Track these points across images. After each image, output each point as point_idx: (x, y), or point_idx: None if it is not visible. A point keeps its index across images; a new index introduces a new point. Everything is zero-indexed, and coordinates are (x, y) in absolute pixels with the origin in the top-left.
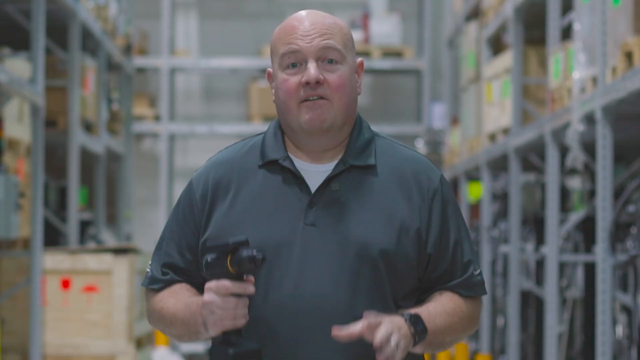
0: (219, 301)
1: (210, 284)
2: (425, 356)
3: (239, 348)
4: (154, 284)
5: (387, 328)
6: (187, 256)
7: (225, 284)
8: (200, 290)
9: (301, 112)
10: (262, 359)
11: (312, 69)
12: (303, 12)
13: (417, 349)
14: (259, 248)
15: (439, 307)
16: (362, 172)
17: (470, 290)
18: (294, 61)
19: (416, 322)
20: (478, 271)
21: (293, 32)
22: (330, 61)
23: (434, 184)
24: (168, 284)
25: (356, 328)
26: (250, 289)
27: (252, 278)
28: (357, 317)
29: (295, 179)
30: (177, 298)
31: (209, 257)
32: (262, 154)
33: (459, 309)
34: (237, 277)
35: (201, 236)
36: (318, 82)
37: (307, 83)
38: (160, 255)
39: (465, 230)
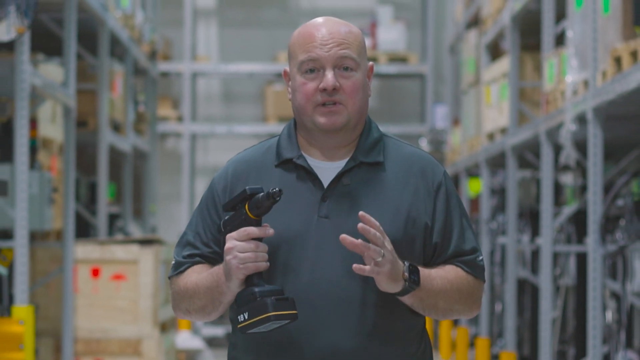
0: (241, 245)
1: (232, 234)
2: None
3: (264, 288)
4: (179, 268)
5: (389, 247)
6: (212, 246)
7: (246, 229)
8: None
9: (316, 115)
10: (276, 333)
11: (329, 76)
12: (320, 20)
13: (408, 300)
14: (276, 240)
15: (440, 273)
16: (371, 168)
17: (473, 270)
18: (313, 67)
19: (412, 271)
20: (480, 258)
21: (312, 40)
22: (346, 69)
23: (438, 178)
24: (192, 265)
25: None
26: (270, 231)
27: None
28: (369, 303)
29: (309, 175)
30: (200, 272)
31: (227, 215)
32: (278, 154)
33: (459, 280)
34: (256, 223)
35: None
36: (335, 89)
37: (325, 89)
38: (184, 246)
39: (468, 221)
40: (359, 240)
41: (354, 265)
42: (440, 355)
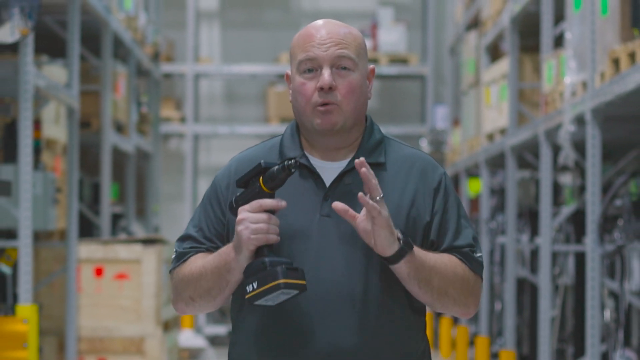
0: (254, 215)
1: (244, 206)
2: (430, 338)
3: (274, 258)
4: (182, 258)
5: (385, 209)
6: (215, 242)
7: (259, 200)
8: None
9: (314, 115)
10: (280, 329)
11: (326, 74)
12: (320, 21)
13: (404, 268)
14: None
15: (435, 254)
16: (373, 169)
17: (470, 262)
18: (311, 67)
19: (404, 235)
20: (479, 254)
21: (311, 40)
22: (344, 68)
23: (437, 179)
24: (195, 253)
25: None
26: (282, 203)
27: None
28: (370, 302)
29: (311, 174)
30: (205, 255)
31: (238, 192)
32: (281, 153)
33: (454, 264)
34: (269, 197)
35: (226, 223)
36: (331, 88)
37: (322, 88)
38: (185, 240)
39: (467, 219)
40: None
41: (360, 194)
42: (440, 353)
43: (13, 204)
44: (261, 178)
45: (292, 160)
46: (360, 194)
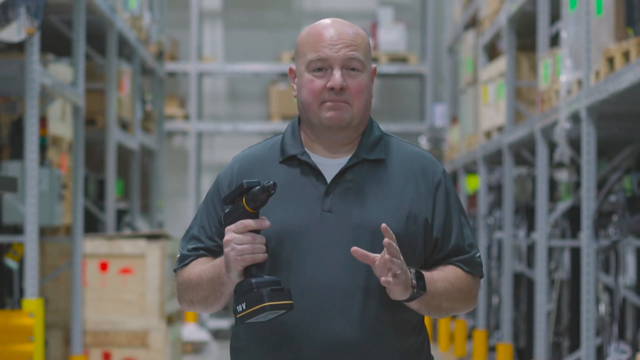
0: (239, 237)
1: (230, 226)
2: (428, 332)
3: (260, 279)
4: (184, 261)
5: (401, 259)
6: (216, 240)
7: (244, 221)
8: None
9: (322, 110)
10: (278, 315)
11: (337, 75)
12: (328, 20)
13: (414, 305)
14: (281, 234)
15: (442, 275)
16: (373, 165)
17: (472, 267)
18: (321, 67)
19: (419, 278)
20: (478, 254)
21: (321, 40)
22: (353, 69)
23: (438, 176)
24: (196, 258)
25: (374, 255)
26: (266, 223)
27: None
28: (370, 295)
29: (313, 171)
30: (203, 264)
31: (226, 209)
32: (282, 151)
33: (459, 280)
34: (254, 216)
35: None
36: (342, 89)
37: (332, 88)
38: (189, 240)
39: (466, 218)
40: (377, 255)
41: (382, 279)
42: (439, 347)
43: (19, 200)
44: (244, 198)
45: (271, 182)
46: (382, 279)
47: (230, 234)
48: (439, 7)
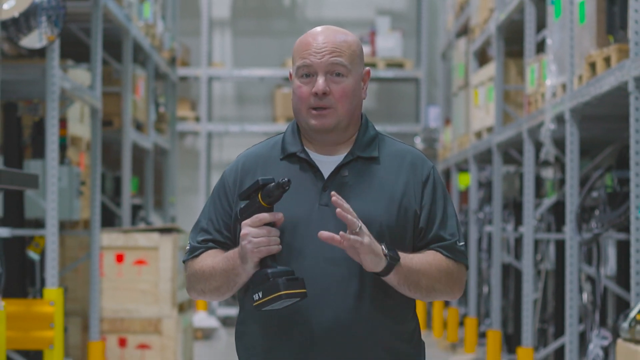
0: (255, 230)
1: (246, 221)
2: (420, 319)
3: (276, 269)
4: (194, 252)
5: (365, 229)
6: (223, 232)
7: (259, 215)
8: None
9: (309, 117)
10: (282, 307)
11: (320, 81)
12: (319, 28)
13: (394, 280)
14: (281, 225)
15: (418, 254)
16: (367, 162)
17: (453, 254)
18: (307, 72)
19: (390, 249)
20: (462, 243)
21: (308, 47)
22: (338, 74)
23: (426, 171)
24: (206, 250)
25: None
26: (279, 215)
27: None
28: (366, 282)
29: (311, 167)
30: (215, 256)
31: (242, 204)
32: (283, 149)
33: (438, 261)
34: (268, 211)
35: (233, 215)
36: (325, 94)
37: (316, 94)
38: (198, 232)
39: (452, 210)
40: (332, 234)
41: (341, 233)
42: (433, 333)
43: (41, 196)
44: (260, 194)
45: (286, 179)
46: (341, 233)
47: (247, 227)
48: (433, 16)
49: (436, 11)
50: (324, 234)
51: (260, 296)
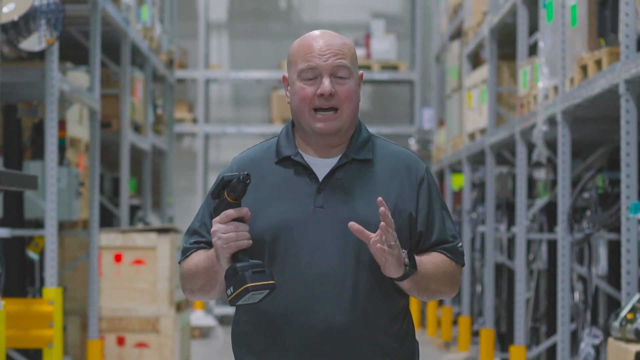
0: (223, 227)
1: (215, 218)
2: (414, 319)
3: (245, 263)
4: (186, 253)
5: (395, 233)
6: None
7: (226, 212)
8: None
9: (313, 120)
10: (270, 294)
11: (326, 83)
12: (317, 32)
13: (406, 285)
14: (277, 228)
15: (429, 258)
16: (361, 164)
17: (455, 255)
18: (312, 75)
19: (410, 257)
20: (461, 244)
21: (311, 50)
22: (341, 77)
23: (421, 173)
24: (197, 250)
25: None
26: (244, 210)
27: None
28: (360, 284)
29: (305, 170)
30: (200, 254)
31: (214, 202)
32: (277, 152)
33: (445, 264)
34: (236, 207)
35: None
36: (331, 95)
37: (322, 95)
38: (191, 234)
39: (447, 211)
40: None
41: (378, 245)
42: (427, 331)
43: (40, 197)
44: (225, 191)
45: (245, 173)
46: (372, 239)
47: (216, 224)
48: (427, 19)
49: (430, 14)
50: (354, 225)
51: (232, 290)
